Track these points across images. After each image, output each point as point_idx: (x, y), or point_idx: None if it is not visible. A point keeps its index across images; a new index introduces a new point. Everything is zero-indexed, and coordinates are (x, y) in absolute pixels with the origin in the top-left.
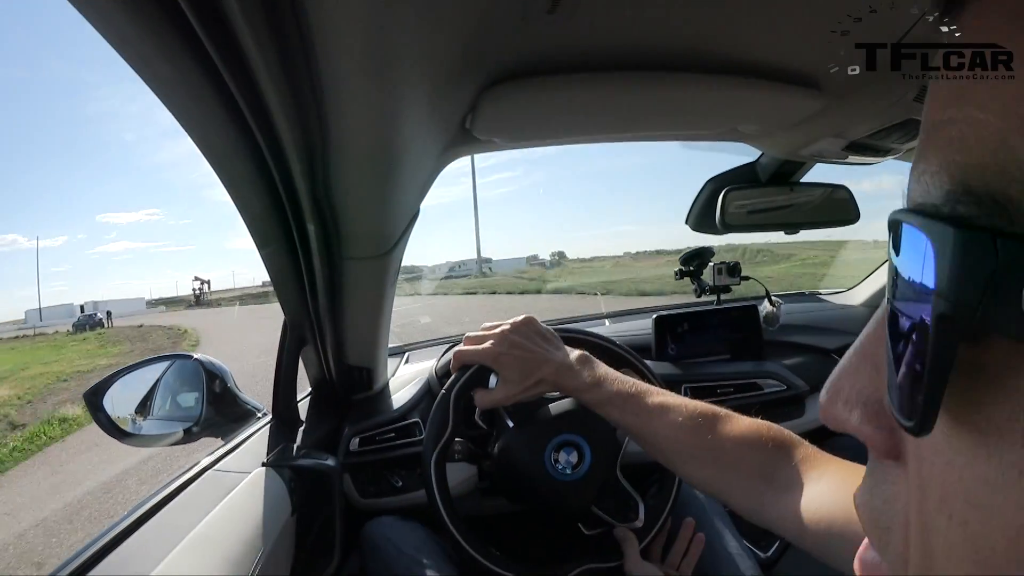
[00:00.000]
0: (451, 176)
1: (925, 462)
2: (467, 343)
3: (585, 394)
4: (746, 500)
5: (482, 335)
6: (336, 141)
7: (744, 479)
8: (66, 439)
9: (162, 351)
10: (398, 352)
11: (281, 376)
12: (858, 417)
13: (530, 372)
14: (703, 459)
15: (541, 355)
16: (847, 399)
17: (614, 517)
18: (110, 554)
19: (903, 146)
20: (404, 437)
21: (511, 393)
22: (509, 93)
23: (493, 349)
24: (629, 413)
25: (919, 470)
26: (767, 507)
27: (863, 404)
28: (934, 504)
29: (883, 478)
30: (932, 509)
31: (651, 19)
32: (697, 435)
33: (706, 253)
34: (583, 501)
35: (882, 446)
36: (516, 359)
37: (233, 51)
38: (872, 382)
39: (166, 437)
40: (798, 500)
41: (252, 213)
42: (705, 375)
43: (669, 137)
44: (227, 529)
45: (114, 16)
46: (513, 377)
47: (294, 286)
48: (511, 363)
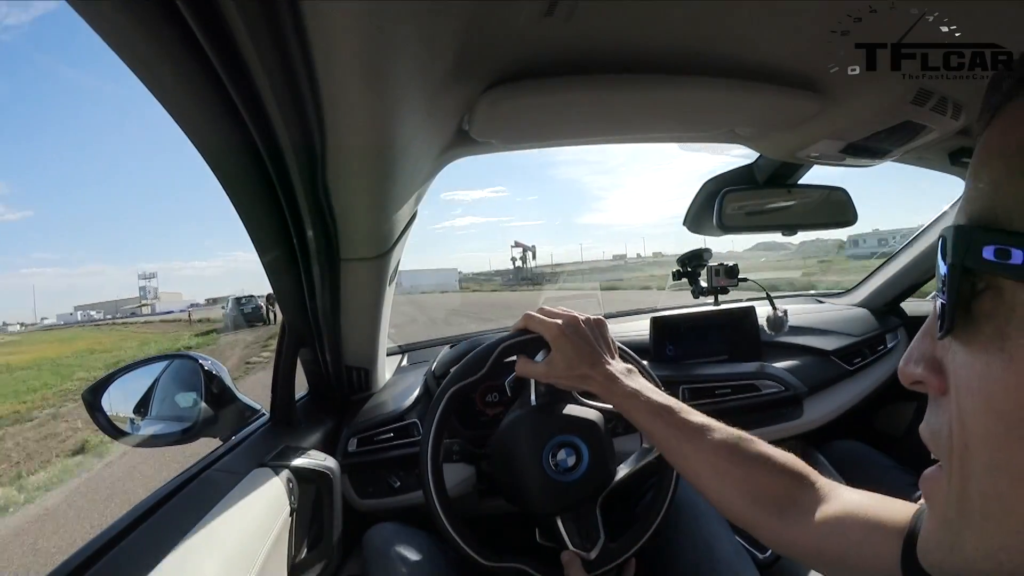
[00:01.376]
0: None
1: (959, 374)
2: (540, 312)
3: (624, 401)
4: (767, 521)
5: (555, 311)
6: (334, 143)
7: (770, 502)
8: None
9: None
10: (396, 352)
11: (279, 376)
12: (921, 369)
13: (579, 364)
14: (733, 479)
15: (597, 355)
16: (916, 359)
17: (571, 539)
18: (108, 554)
19: (900, 148)
20: (402, 437)
21: (552, 374)
22: (507, 95)
23: (559, 327)
24: (669, 426)
25: (957, 388)
26: (787, 530)
27: (925, 360)
28: (967, 404)
29: (938, 409)
30: (967, 409)
31: (648, 21)
32: (732, 457)
33: (704, 254)
34: (559, 507)
35: (937, 385)
36: (574, 346)
37: (231, 52)
38: (931, 345)
39: (164, 437)
40: (817, 525)
41: (250, 214)
42: (703, 376)
43: (666, 139)
44: (225, 529)
45: (111, 17)
46: (562, 361)
47: (292, 287)
48: (567, 347)
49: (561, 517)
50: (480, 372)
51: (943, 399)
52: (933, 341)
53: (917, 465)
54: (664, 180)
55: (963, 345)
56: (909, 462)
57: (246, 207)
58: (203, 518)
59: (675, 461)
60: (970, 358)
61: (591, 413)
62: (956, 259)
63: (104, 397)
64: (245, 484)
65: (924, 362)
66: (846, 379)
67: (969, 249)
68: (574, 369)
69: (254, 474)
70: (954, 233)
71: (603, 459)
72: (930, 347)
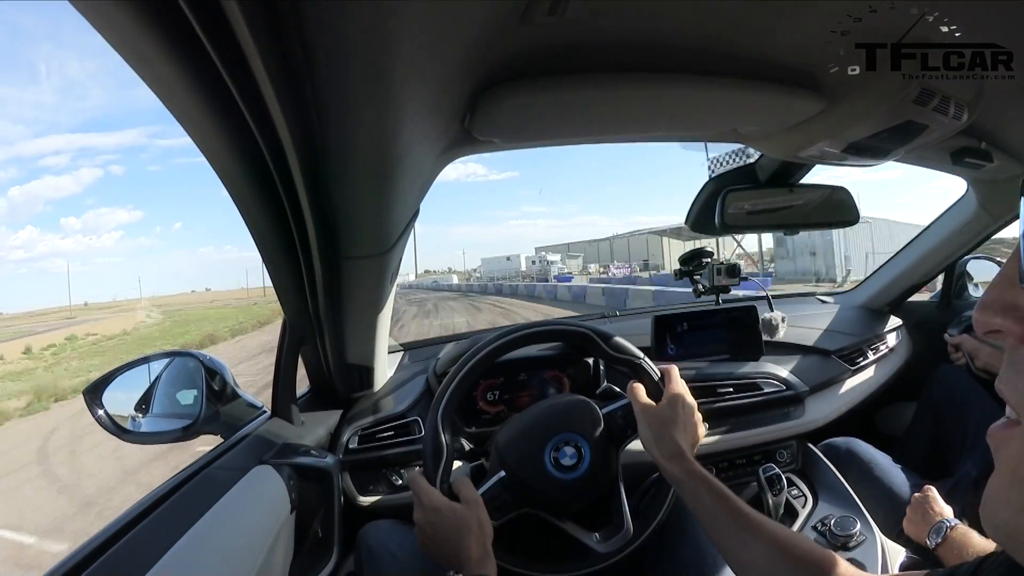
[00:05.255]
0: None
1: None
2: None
3: (690, 481)
4: None
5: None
6: (336, 141)
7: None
8: None
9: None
10: (397, 351)
11: (280, 374)
12: (1001, 318)
13: (667, 428)
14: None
15: (682, 436)
16: (994, 309)
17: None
18: (109, 551)
19: (902, 148)
20: (403, 435)
21: (646, 415)
22: (509, 94)
23: (681, 393)
24: (730, 513)
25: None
26: None
27: (1004, 309)
28: None
29: (1017, 360)
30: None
31: (651, 21)
32: (782, 554)
33: (704, 253)
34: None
35: (1018, 333)
36: (676, 415)
37: (233, 51)
38: (1009, 293)
39: (165, 435)
40: None
41: (252, 212)
42: (705, 375)
43: (669, 138)
44: (226, 526)
45: (113, 16)
46: (660, 416)
47: (294, 285)
48: (673, 411)
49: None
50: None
51: (1022, 349)
52: (1013, 287)
53: (917, 465)
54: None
55: None
56: (909, 462)
57: (248, 204)
58: (204, 515)
59: (729, 548)
60: None
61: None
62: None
63: (105, 394)
64: (246, 481)
65: (1002, 310)
66: (848, 379)
67: None
68: (662, 428)
69: (255, 471)
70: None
71: (600, 473)
72: (1008, 293)
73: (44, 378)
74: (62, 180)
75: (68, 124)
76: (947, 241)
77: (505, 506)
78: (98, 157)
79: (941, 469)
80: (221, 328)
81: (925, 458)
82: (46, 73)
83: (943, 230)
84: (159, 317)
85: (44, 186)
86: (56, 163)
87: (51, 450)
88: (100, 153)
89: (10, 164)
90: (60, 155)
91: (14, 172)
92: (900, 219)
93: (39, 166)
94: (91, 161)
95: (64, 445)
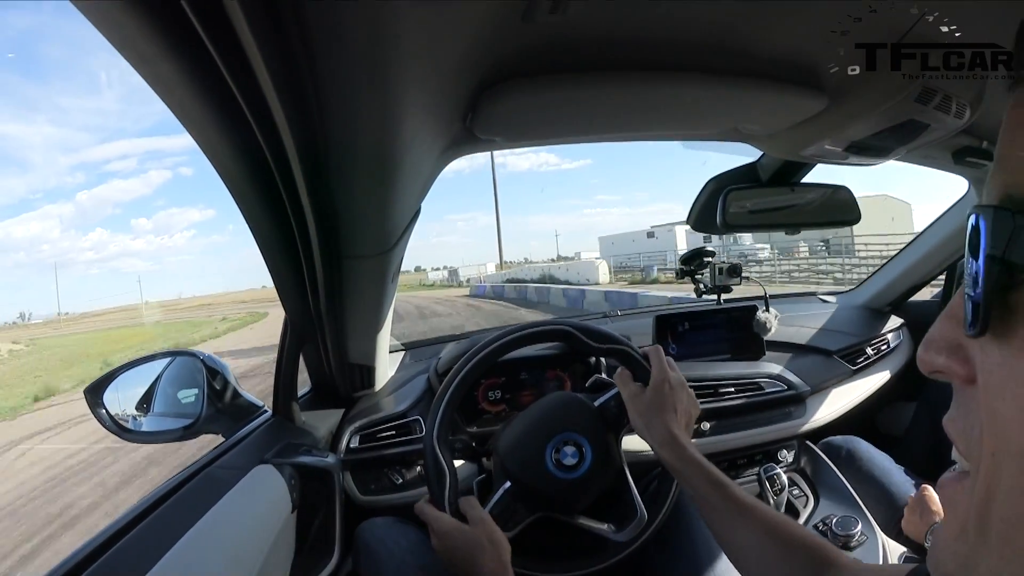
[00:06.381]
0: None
1: (992, 374)
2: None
3: (686, 467)
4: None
5: (675, 366)
6: (337, 140)
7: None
8: None
9: None
10: (398, 350)
11: (281, 373)
12: (944, 357)
13: (659, 413)
14: (773, 557)
15: (675, 421)
16: (938, 347)
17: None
18: (110, 550)
19: (904, 147)
20: (404, 435)
21: (636, 402)
22: (510, 92)
23: (667, 376)
24: (724, 499)
25: (987, 388)
26: None
27: (948, 348)
28: (1001, 410)
29: (965, 401)
30: (1000, 414)
31: (653, 19)
32: (774, 538)
33: (706, 253)
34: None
35: (963, 374)
36: (666, 399)
37: (234, 50)
38: (954, 332)
39: (166, 434)
40: None
41: (254, 212)
42: (706, 375)
43: (670, 137)
44: (227, 526)
45: (114, 15)
46: (650, 401)
47: (295, 284)
48: (661, 394)
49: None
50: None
51: (970, 389)
52: (957, 326)
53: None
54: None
55: (997, 342)
56: (910, 462)
57: (249, 204)
58: (205, 515)
59: (721, 532)
60: (1006, 357)
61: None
62: (996, 249)
63: (106, 394)
64: (247, 481)
65: (946, 349)
66: (849, 379)
67: (1013, 236)
68: (653, 414)
69: (256, 471)
70: (993, 217)
71: (604, 467)
72: (953, 333)
73: None
74: (130, 183)
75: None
76: (948, 241)
77: (517, 516)
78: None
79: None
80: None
81: (925, 458)
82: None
83: (944, 230)
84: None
85: (112, 189)
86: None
87: None
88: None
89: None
90: (127, 159)
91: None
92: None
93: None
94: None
95: None
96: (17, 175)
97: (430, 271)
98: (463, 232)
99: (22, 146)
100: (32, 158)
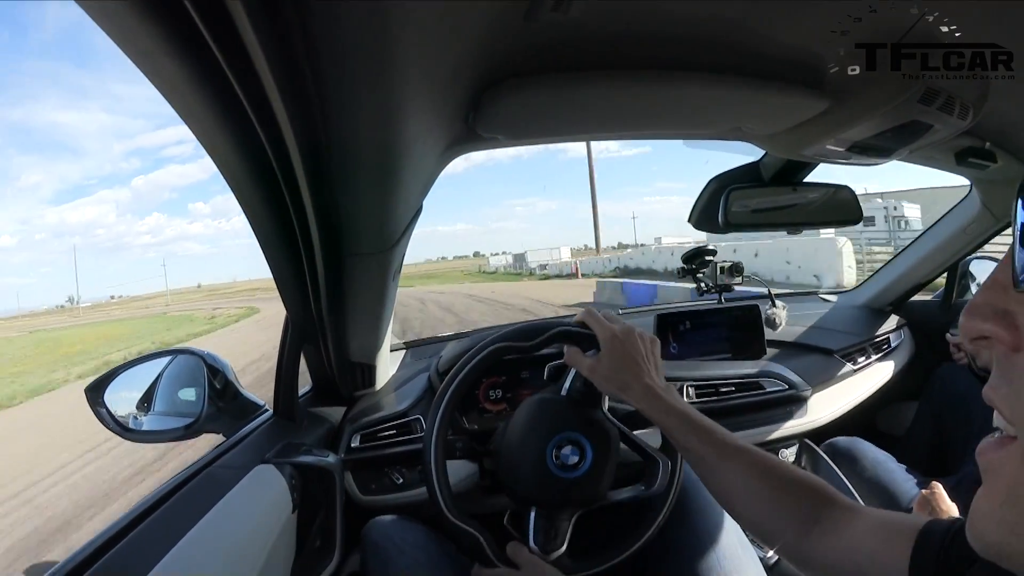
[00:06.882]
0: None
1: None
2: (603, 317)
3: (664, 417)
4: (789, 537)
5: (614, 317)
6: (339, 138)
7: (794, 520)
8: None
9: None
10: (399, 349)
11: (282, 372)
12: (991, 324)
13: (624, 372)
14: (763, 498)
15: (644, 370)
16: (984, 313)
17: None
18: (111, 551)
19: (907, 147)
20: (405, 434)
21: (596, 373)
22: (512, 91)
23: (613, 332)
24: (706, 444)
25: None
26: (807, 546)
27: (994, 314)
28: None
29: (1009, 367)
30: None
31: (655, 17)
32: (764, 478)
33: (707, 251)
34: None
35: (1010, 340)
36: (624, 354)
37: (236, 48)
38: (1001, 297)
39: (167, 433)
40: (836, 541)
41: (255, 209)
42: (707, 374)
43: (673, 135)
44: (228, 526)
45: (115, 11)
46: (610, 364)
47: (296, 282)
48: (617, 352)
49: (536, 511)
50: (531, 342)
51: (1016, 357)
52: (1004, 293)
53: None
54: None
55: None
56: (910, 461)
57: (250, 201)
58: (206, 515)
59: (707, 476)
60: None
61: (611, 427)
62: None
63: (107, 392)
64: (248, 481)
65: (993, 315)
66: (850, 378)
67: None
68: (618, 374)
69: (257, 471)
70: None
71: (603, 469)
72: (999, 298)
73: None
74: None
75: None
76: (950, 241)
77: (559, 529)
78: None
79: (942, 468)
80: None
81: (926, 457)
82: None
83: (946, 230)
84: None
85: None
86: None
87: None
88: None
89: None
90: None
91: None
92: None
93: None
94: None
95: None
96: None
97: (490, 257)
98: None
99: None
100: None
